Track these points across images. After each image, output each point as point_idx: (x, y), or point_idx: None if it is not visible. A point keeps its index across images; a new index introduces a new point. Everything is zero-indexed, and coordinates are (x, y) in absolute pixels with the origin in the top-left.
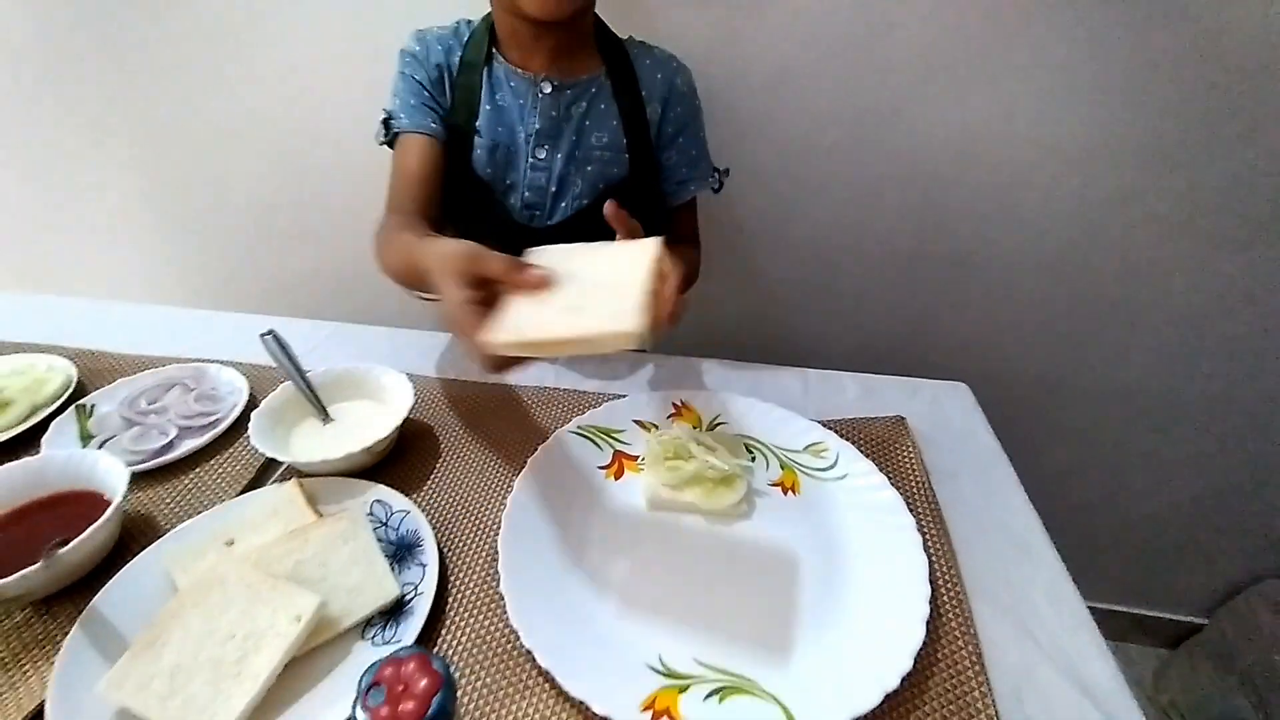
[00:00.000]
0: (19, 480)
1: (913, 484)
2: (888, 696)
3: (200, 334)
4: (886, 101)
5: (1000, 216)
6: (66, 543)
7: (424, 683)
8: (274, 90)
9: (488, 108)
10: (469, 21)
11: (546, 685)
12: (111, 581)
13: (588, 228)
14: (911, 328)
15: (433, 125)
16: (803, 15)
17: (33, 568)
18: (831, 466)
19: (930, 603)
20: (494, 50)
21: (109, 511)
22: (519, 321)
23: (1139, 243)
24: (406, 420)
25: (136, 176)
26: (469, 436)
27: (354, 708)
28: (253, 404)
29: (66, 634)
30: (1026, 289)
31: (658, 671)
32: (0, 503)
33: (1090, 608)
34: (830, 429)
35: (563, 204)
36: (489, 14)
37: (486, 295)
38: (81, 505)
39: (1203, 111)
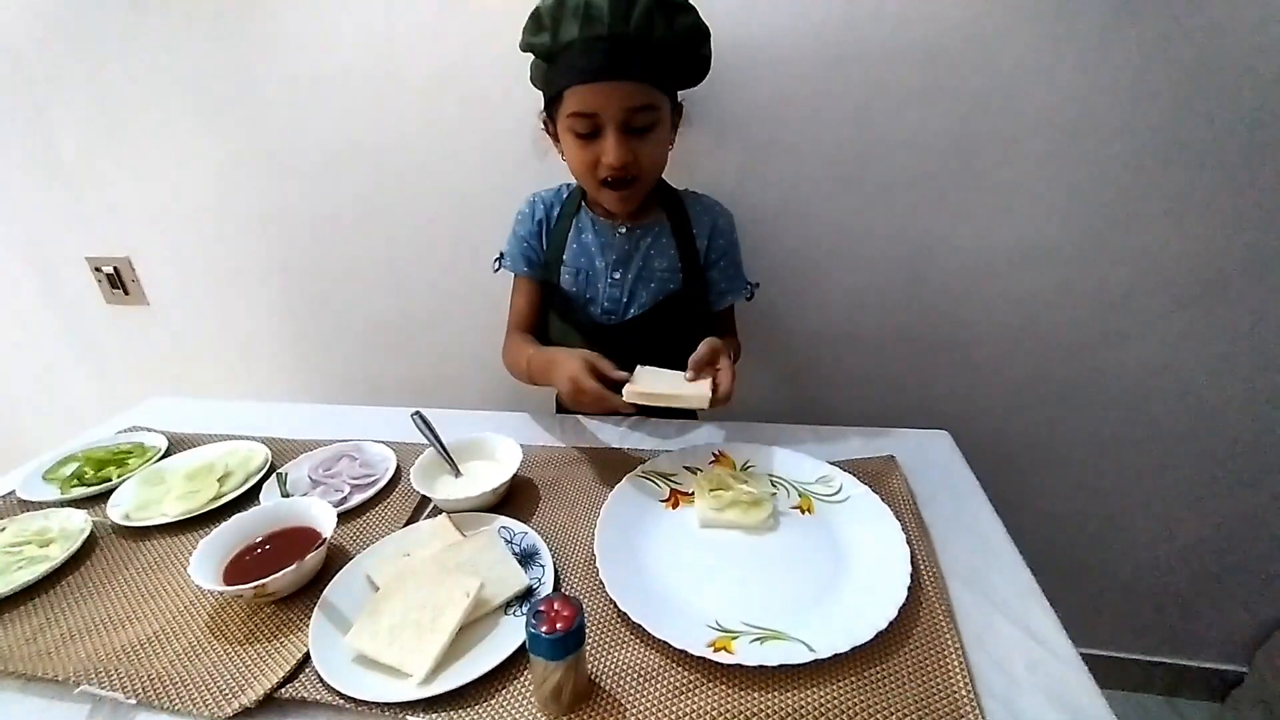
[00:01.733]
0: (265, 518)
1: (900, 502)
2: (880, 634)
3: (344, 422)
4: (876, 214)
5: (973, 302)
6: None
7: (567, 611)
8: (395, 245)
9: (574, 246)
10: (569, 185)
11: (636, 640)
12: (333, 581)
13: (649, 326)
14: (904, 396)
15: (525, 269)
16: (804, 152)
17: (289, 569)
18: (837, 493)
19: (912, 578)
20: (583, 204)
21: (327, 536)
22: (640, 387)
23: (1083, 316)
24: (515, 473)
25: (278, 308)
26: (559, 484)
27: (527, 627)
28: (399, 469)
29: (302, 619)
30: (1001, 359)
31: (714, 629)
32: (255, 532)
33: (1131, 659)
34: (835, 466)
35: (631, 310)
36: None
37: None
38: (303, 535)
39: (1126, 208)
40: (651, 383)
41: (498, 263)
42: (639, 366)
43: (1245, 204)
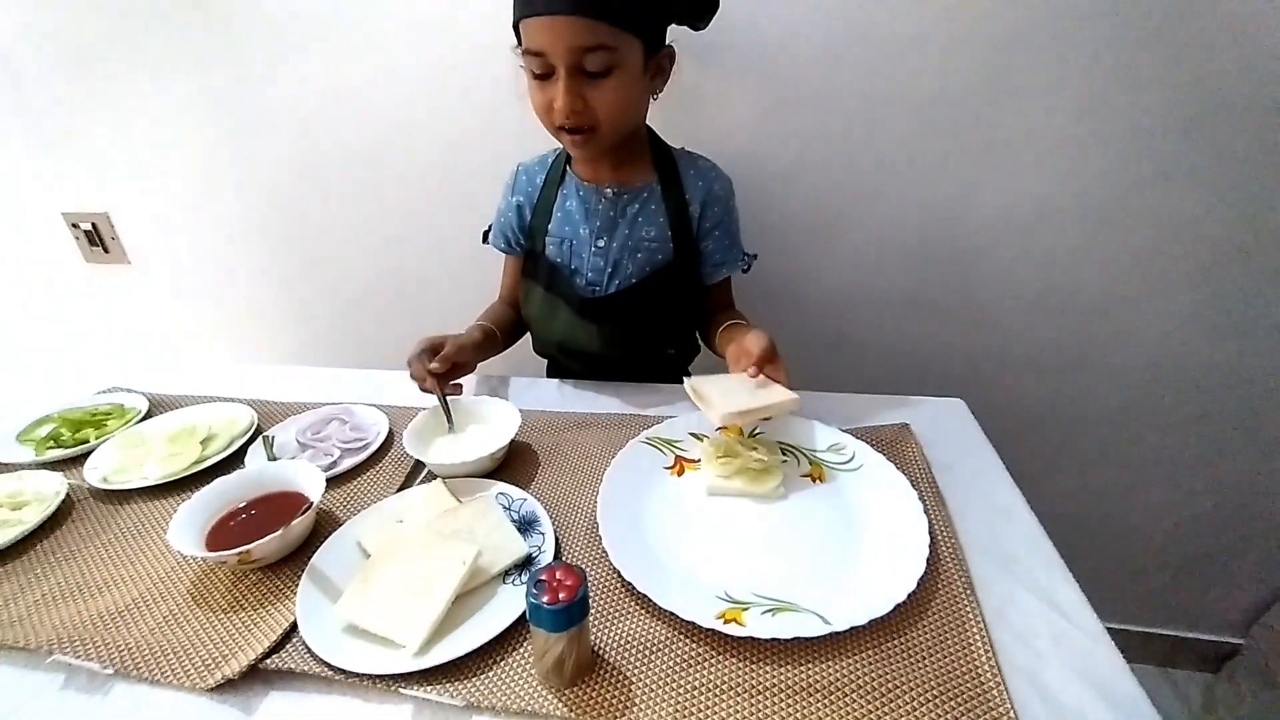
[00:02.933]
0: (250, 482)
1: (916, 471)
2: (898, 606)
3: (334, 385)
4: (892, 171)
5: (983, 265)
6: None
7: (570, 580)
8: (387, 200)
9: (559, 214)
10: (556, 149)
11: (641, 610)
12: (322, 547)
13: (636, 301)
14: (915, 361)
15: (501, 245)
16: (819, 106)
17: (275, 534)
18: (850, 460)
19: (930, 548)
20: (567, 169)
21: (316, 500)
22: (727, 404)
23: (1102, 279)
24: (513, 438)
25: (265, 267)
26: (559, 449)
27: (528, 596)
28: (391, 433)
29: (289, 587)
30: (1016, 323)
31: (724, 600)
32: (240, 496)
33: (1127, 630)
34: (848, 434)
35: (616, 281)
36: None
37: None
38: (289, 501)
39: (1150, 169)
40: (734, 399)
41: (486, 235)
42: (688, 380)
43: (1277, 168)
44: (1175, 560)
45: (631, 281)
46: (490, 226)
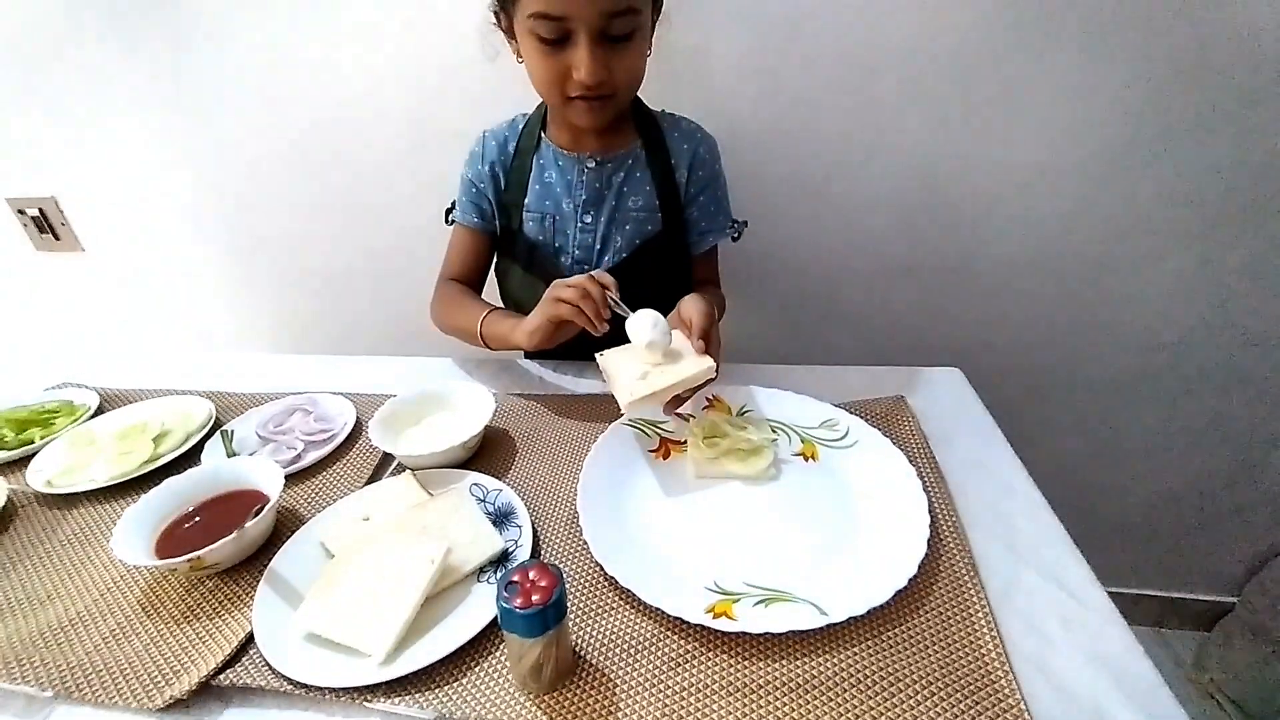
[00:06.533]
0: (204, 481)
1: (913, 446)
2: (899, 593)
3: (298, 373)
4: (882, 132)
5: (979, 227)
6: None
7: (545, 581)
8: (349, 175)
9: (536, 187)
10: (524, 115)
11: (626, 605)
12: (282, 549)
13: (625, 275)
14: (909, 330)
15: (475, 220)
16: (803, 61)
17: (228, 538)
18: (844, 437)
19: (930, 529)
20: (543, 136)
21: (274, 499)
22: (635, 387)
23: (1101, 240)
24: (487, 424)
25: (227, 249)
26: (537, 435)
27: (498, 601)
28: (358, 423)
29: (248, 593)
30: (1013, 288)
31: (713, 591)
32: (193, 497)
33: (1121, 593)
34: (840, 409)
35: (606, 257)
36: (542, 104)
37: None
38: (248, 500)
39: (1147, 131)
40: (643, 379)
41: (449, 215)
42: (599, 355)
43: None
44: (1169, 521)
45: (622, 255)
46: (453, 204)
